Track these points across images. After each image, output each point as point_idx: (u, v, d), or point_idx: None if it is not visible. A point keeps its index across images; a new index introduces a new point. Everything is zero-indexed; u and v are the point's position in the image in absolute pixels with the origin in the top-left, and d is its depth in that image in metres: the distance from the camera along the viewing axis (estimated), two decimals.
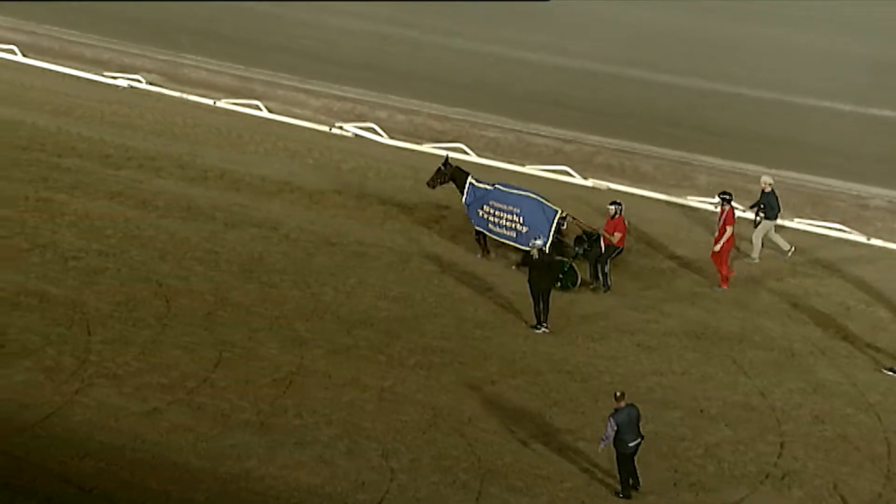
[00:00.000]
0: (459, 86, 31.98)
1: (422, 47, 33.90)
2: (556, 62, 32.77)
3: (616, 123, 30.09)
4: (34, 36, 34.35)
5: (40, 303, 21.83)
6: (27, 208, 25.00)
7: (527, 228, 23.61)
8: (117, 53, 33.73)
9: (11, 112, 29.57)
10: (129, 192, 26.16)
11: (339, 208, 26.10)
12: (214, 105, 31.30)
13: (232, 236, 24.79)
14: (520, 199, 23.92)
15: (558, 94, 31.44)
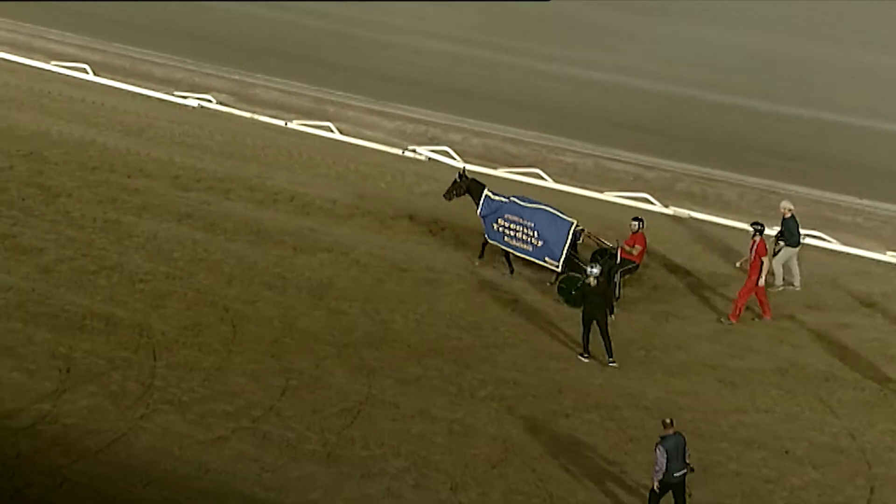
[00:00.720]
0: (536, 108, 31.93)
1: (498, 69, 33.93)
2: (637, 85, 32.61)
3: (699, 149, 29.82)
4: (105, 55, 34.95)
5: (106, 326, 22.14)
6: (95, 229, 25.41)
7: (542, 242, 23.92)
8: (189, 72, 34.20)
9: (81, 132, 30.11)
10: (197, 215, 26.49)
11: (411, 233, 26.17)
12: (285, 126, 31.60)
13: (301, 261, 24.96)
14: (534, 213, 24.14)
15: (638, 117, 31.26)
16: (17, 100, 31.75)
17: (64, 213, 25.88)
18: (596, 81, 33.02)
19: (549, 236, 23.88)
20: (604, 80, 32.95)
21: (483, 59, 34.43)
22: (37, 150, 28.75)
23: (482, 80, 33.43)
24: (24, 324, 21.95)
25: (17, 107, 31.33)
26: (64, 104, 31.80)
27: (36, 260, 23.98)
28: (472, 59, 34.45)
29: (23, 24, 36.39)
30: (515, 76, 33.51)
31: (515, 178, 29.09)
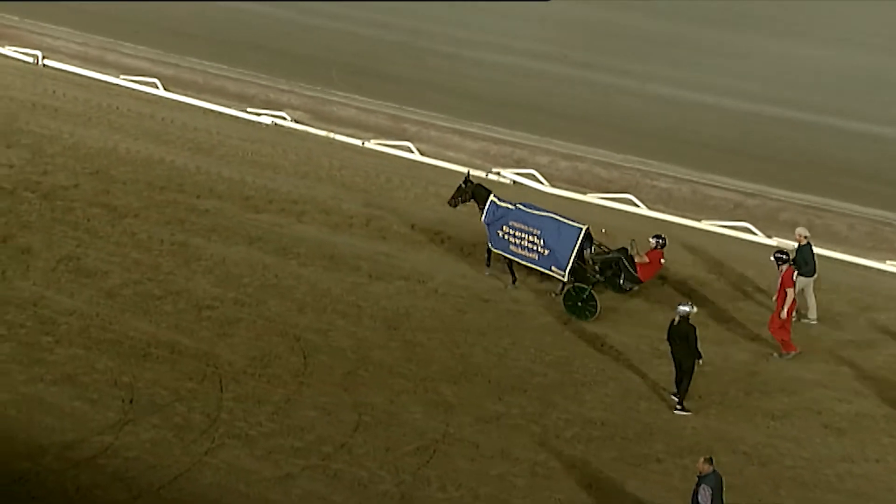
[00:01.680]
0: (629, 130, 31.72)
1: (588, 88, 33.82)
2: (738, 107, 32.25)
3: (805, 176, 29.35)
4: (177, 69, 35.43)
5: (171, 354, 22.31)
6: (162, 252, 25.66)
7: (548, 251, 24.25)
8: (263, 88, 34.54)
9: (150, 149, 30.50)
10: (268, 238, 26.64)
11: (494, 262, 26.08)
12: (363, 146, 31.74)
13: (376, 289, 24.96)
14: (540, 220, 24.47)
15: (739, 140, 30.90)
16: (85, 115, 32.27)
17: (130, 235, 26.18)
18: (692, 101, 32.75)
19: (555, 244, 24.22)
20: (700, 101, 32.66)
21: (573, 77, 34.34)
22: (103, 168, 29.16)
23: (572, 99, 33.33)
24: (87, 350, 22.20)
25: (85, 122, 31.84)
26: (133, 120, 32.27)
27: (100, 283, 24.27)
28: (562, 77, 34.38)
29: (94, 37, 37.07)
30: (607, 96, 33.35)
31: (607, 204, 28.89)
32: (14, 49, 36.17)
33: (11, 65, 35.47)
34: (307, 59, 35.95)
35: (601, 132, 31.53)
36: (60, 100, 33.18)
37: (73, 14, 38.14)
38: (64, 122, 31.62)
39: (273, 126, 32.85)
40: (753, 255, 26.15)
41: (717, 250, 25.44)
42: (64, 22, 37.86)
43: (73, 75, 35.18)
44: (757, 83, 33.02)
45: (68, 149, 30.00)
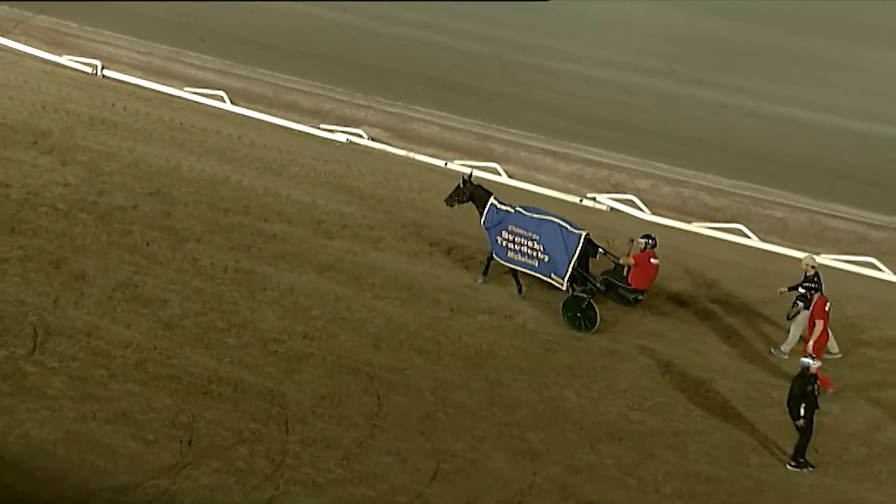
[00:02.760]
0: (740, 153, 31.49)
1: (695, 106, 33.64)
2: (868, 130, 31.86)
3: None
4: (246, 81, 35.84)
5: (234, 392, 22.47)
6: (225, 281, 25.90)
7: (547, 258, 24.97)
8: (338, 103, 34.80)
9: (215, 168, 30.87)
10: (341, 266, 26.79)
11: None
12: (445, 167, 31.84)
13: (458, 324, 24.98)
14: (540, 224, 25.16)
15: (868, 168, 30.50)
16: (146, 130, 32.74)
17: (191, 261, 26.47)
18: (813, 123, 32.42)
19: (555, 250, 24.89)
20: (823, 122, 32.32)
21: (677, 94, 34.19)
22: (164, 187, 29.55)
23: (673, 118, 33.19)
24: (143, 386, 22.42)
25: (146, 138, 32.30)
26: (197, 136, 32.69)
27: (158, 313, 24.53)
28: (665, 94, 34.24)
29: (158, 46, 37.65)
30: (716, 116, 33.15)
31: (714, 234, 28.68)
32: (72, 58, 36.84)
33: (69, 75, 36.12)
34: (387, 72, 36.18)
35: (708, 155, 31.33)
36: (120, 114, 33.71)
37: (136, 21, 38.77)
38: (123, 138, 32.11)
39: (348, 144, 33.08)
40: (878, 294, 25.77)
41: (837, 287, 25.05)
42: (126, 29, 38.47)
43: (133, 87, 35.74)
44: (878, 101, 32.60)
45: (127, 167, 30.44)
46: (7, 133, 31.46)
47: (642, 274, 25.04)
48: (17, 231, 26.64)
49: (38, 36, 38.40)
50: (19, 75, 35.50)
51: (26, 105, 33.39)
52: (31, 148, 30.75)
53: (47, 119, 32.69)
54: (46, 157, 30.38)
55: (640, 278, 25.04)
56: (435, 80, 35.49)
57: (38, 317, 23.75)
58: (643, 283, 25.09)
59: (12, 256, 25.62)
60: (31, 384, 21.92)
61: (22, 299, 24.20)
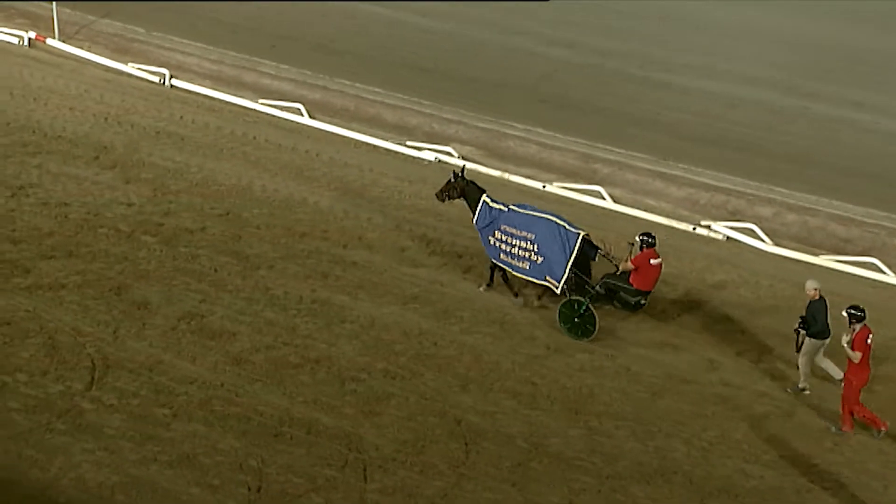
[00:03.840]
0: (876, 177, 31.13)
1: (823, 124, 33.34)
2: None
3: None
4: (326, 93, 36.15)
5: (308, 435, 22.55)
6: (300, 312, 26.05)
7: (542, 259, 25.67)
8: (426, 118, 34.97)
9: (290, 188, 31.12)
10: (427, 298, 26.86)
11: (700, 332, 25.79)
12: (544, 189, 31.83)
13: (555, 363, 24.93)
14: (534, 223, 25.86)
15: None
16: (216, 146, 33.12)
17: (263, 290, 26.67)
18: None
19: (550, 251, 25.58)
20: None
21: (798, 109, 33.90)
22: (235, 209, 29.84)
23: (798, 137, 32.93)
24: (209, 426, 22.56)
25: (216, 154, 32.67)
26: (271, 153, 33.00)
27: (226, 346, 24.70)
28: (784, 109, 33.97)
29: (230, 53, 38.09)
30: (844, 133, 32.80)
31: (844, 268, 28.36)
32: (138, 66, 37.40)
33: (134, 85, 36.69)
34: (480, 84, 36.29)
35: (839, 179, 31.01)
36: (188, 127, 34.15)
37: (207, 26, 39.31)
38: (191, 154, 32.51)
39: (436, 163, 33.19)
40: None
41: None
42: (196, 35, 39.02)
43: (203, 98, 36.20)
44: None
45: (195, 185, 30.80)
46: (66, 147, 31.98)
47: (644, 276, 25.62)
48: (75, 254, 27.02)
49: (102, 42, 39.06)
50: (81, 84, 36.12)
51: (88, 117, 33.94)
52: (92, 163, 31.24)
53: (110, 132, 33.20)
54: (108, 174, 30.83)
55: (642, 280, 25.63)
56: (532, 94, 35.51)
57: (97, 348, 24.00)
58: (646, 284, 25.67)
59: (70, 282, 25.97)
60: (88, 422, 22.13)
61: (79, 329, 24.48)
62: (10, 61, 37.61)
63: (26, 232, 27.60)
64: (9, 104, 34.33)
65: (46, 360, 23.20)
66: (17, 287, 25.43)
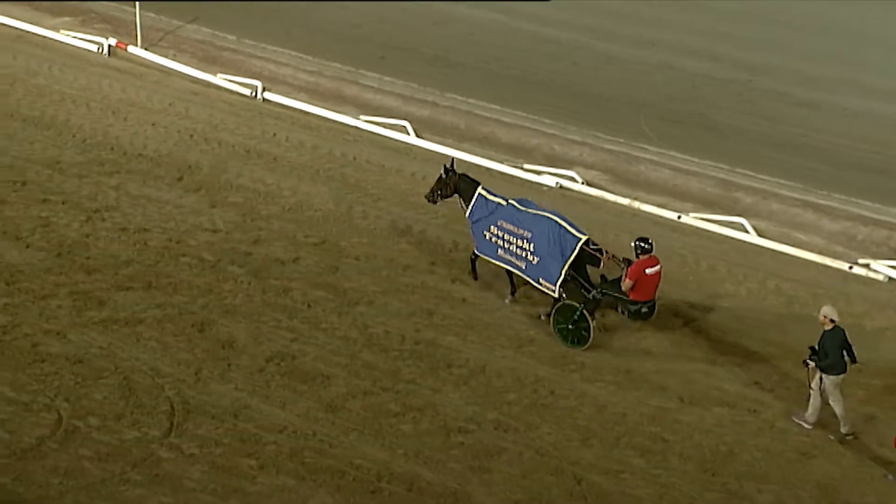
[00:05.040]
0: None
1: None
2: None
3: None
4: (434, 109, 36.23)
5: (408, 492, 22.56)
6: (402, 354, 26.06)
7: (538, 259, 26.52)
8: (546, 138, 34.92)
9: (393, 214, 31.17)
10: (544, 341, 26.74)
11: (862, 388, 25.46)
12: (679, 220, 31.64)
13: (689, 417, 24.73)
14: (533, 221, 26.68)
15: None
16: (312, 167, 33.30)
17: (361, 328, 26.74)
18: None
19: (547, 252, 26.35)
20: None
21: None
22: (332, 237, 29.97)
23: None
24: (299, 480, 22.64)
25: (312, 176, 32.86)
26: (373, 175, 33.13)
27: (320, 392, 24.78)
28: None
29: (330, 64, 38.35)
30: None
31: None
32: (227, 78, 37.78)
33: (223, 98, 37.06)
34: (607, 101, 36.21)
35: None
36: (282, 145, 34.41)
37: (304, 34, 39.61)
38: (285, 175, 32.76)
39: (558, 189, 33.11)
40: None
41: None
42: (292, 44, 39.32)
43: (299, 113, 36.45)
44: None
45: (288, 210, 31.00)
46: (147, 166, 32.40)
47: (641, 286, 26.37)
48: (154, 286, 27.33)
49: (188, 50, 39.56)
50: (164, 97, 36.59)
51: (171, 133, 34.37)
52: (174, 185, 31.61)
53: (195, 150, 33.59)
54: (193, 197, 31.18)
55: (639, 291, 26.41)
56: (667, 112, 35.36)
57: (177, 391, 24.23)
58: (644, 294, 26.48)
59: (148, 317, 26.26)
60: (166, 473, 22.33)
61: (158, 369, 24.73)
62: (88, 71, 38.20)
63: (101, 260, 27.99)
64: (85, 118, 34.87)
65: (121, 403, 23.47)
66: (91, 321, 25.78)
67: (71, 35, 40.42)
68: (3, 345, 24.79)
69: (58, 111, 35.24)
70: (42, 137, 33.57)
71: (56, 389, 23.71)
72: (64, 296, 26.56)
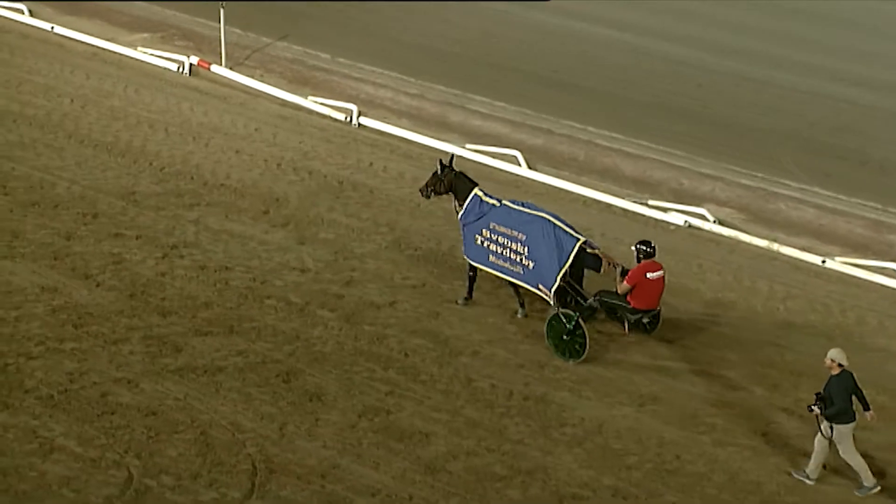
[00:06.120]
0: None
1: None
2: None
3: None
4: (548, 137, 36.26)
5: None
6: (509, 410, 25.97)
7: (533, 263, 27.16)
8: (675, 171, 34.83)
9: None
10: (668, 398, 26.57)
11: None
12: (823, 265, 31.41)
13: (834, 489, 24.32)
14: (528, 222, 27.35)
15: None
16: (412, 201, 33.28)
17: (464, 381, 26.69)
18: None
19: (542, 256, 27.00)
20: None
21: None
22: (433, 279, 29.95)
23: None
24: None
25: (411, 211, 32.96)
26: None
27: (418, 451, 24.75)
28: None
29: (433, 87, 38.47)
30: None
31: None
32: (319, 101, 38.01)
33: (315, 123, 37.31)
34: (744, 131, 36.03)
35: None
36: (379, 176, 34.56)
37: (405, 52, 39.78)
38: (381, 210, 32.89)
39: (686, 228, 32.97)
40: None
41: None
42: (391, 63, 39.49)
43: (398, 141, 36.62)
44: None
45: (384, 249, 31.06)
46: (231, 198, 32.64)
47: (643, 292, 27.08)
48: (236, 331, 27.47)
49: (277, 70, 39.92)
50: (250, 121, 36.90)
51: (257, 161, 34.63)
52: (260, 219, 31.81)
53: (283, 181, 33.82)
54: (280, 233, 31.37)
55: (641, 297, 27.12)
56: (810, 144, 35.14)
57: (259, 448, 24.28)
58: (646, 302, 27.20)
59: (229, 365, 26.37)
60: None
61: (238, 423, 24.80)
62: (167, 92, 38.64)
63: (178, 301, 28.19)
64: (163, 144, 35.24)
65: (198, 461, 23.58)
66: (166, 369, 25.94)
67: (149, 53, 40.98)
68: (69, 394, 24.95)
69: (133, 136, 35.65)
70: (115, 165, 33.96)
71: (126, 444, 23.83)
72: (136, 341, 26.75)
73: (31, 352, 25.91)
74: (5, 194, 31.85)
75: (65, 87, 38.69)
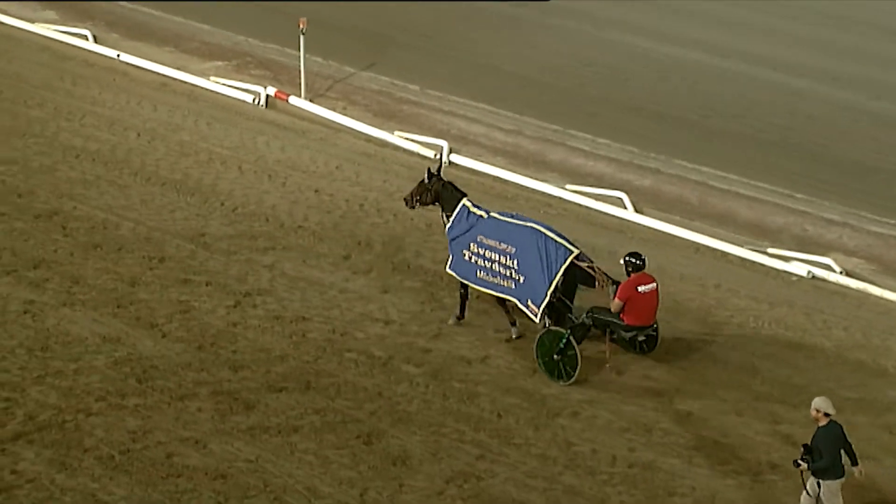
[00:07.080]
0: None
1: None
2: None
3: None
4: (656, 178, 36.31)
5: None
6: (612, 478, 25.68)
7: (524, 277, 27.61)
8: (797, 216, 34.79)
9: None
10: (787, 468, 26.28)
11: None
12: None
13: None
14: (517, 233, 27.86)
15: None
16: None
17: (564, 446, 26.60)
18: None
19: (532, 269, 27.42)
20: None
21: None
22: (529, 333, 29.74)
23: None
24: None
25: None
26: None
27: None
28: None
29: (532, 122, 38.54)
30: None
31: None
32: (407, 136, 38.13)
33: (401, 160, 37.45)
34: (869, 170, 35.88)
35: None
36: None
37: (500, 82, 39.81)
38: None
39: (810, 280, 32.81)
40: None
41: None
42: (485, 95, 39.58)
43: (492, 180, 36.73)
44: None
45: (477, 298, 30.89)
46: (309, 241, 32.77)
47: (635, 307, 27.66)
48: (313, 387, 27.53)
49: (361, 102, 40.12)
50: (331, 158, 37.10)
51: (338, 202, 34.77)
52: (340, 265, 31.93)
53: (366, 223, 33.95)
54: (362, 280, 31.48)
55: (633, 313, 27.70)
56: None
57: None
58: (639, 318, 27.79)
59: (305, 424, 26.43)
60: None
61: (315, 489, 24.85)
62: (242, 126, 38.93)
63: (251, 354, 28.32)
64: (237, 183, 35.47)
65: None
66: (237, 428, 26.06)
67: (222, 83, 41.28)
68: (132, 454, 25.10)
69: (204, 174, 35.92)
70: (184, 205, 34.22)
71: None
72: (205, 397, 26.90)
73: (90, 408, 26.11)
74: (66, 235, 32.17)
75: (131, 120, 39.07)
